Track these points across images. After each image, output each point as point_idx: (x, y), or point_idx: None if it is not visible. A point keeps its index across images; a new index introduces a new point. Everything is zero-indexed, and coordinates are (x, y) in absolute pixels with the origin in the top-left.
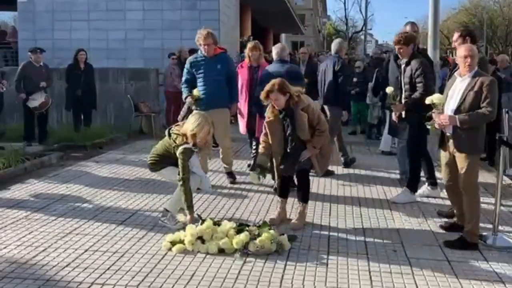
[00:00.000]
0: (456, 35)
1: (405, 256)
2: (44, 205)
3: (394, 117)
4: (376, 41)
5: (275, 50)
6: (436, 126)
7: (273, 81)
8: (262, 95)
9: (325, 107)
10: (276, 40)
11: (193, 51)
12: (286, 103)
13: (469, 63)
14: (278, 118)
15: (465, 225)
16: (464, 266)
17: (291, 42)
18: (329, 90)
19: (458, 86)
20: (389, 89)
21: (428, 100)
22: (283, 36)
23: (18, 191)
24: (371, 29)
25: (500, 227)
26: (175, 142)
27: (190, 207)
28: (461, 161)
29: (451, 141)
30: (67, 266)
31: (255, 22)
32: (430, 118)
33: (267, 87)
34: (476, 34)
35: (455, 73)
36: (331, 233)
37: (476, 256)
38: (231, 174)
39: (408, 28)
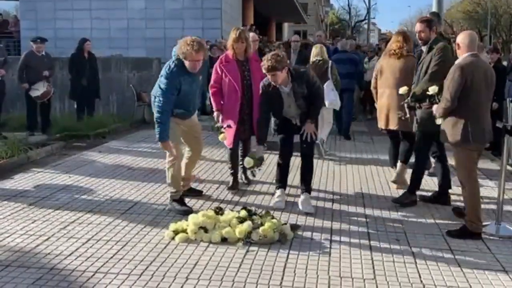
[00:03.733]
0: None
1: (407, 245)
2: (47, 195)
3: None
4: (379, 30)
5: (340, 44)
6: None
7: None
8: None
9: None
10: (279, 29)
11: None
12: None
13: (456, 48)
14: None
15: (466, 215)
16: (467, 255)
17: (294, 32)
18: None
19: None
20: None
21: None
22: (285, 25)
23: (21, 180)
24: (374, 18)
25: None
26: None
27: None
28: (454, 152)
29: None
30: (70, 255)
31: (257, 11)
32: None
33: None
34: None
35: None
36: (333, 222)
37: (478, 246)
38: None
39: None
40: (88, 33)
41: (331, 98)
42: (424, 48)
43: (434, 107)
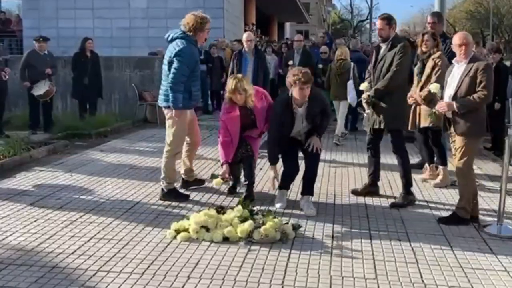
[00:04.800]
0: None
1: (409, 244)
2: (49, 193)
3: None
4: None
5: (351, 44)
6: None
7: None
8: None
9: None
10: (281, 29)
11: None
12: None
13: (464, 50)
14: None
15: (458, 202)
16: (468, 255)
17: (296, 31)
18: None
19: (456, 73)
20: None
21: (426, 90)
22: (287, 25)
23: (23, 179)
24: (376, 18)
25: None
26: None
27: None
28: (460, 142)
29: (452, 124)
30: (72, 253)
31: (259, 11)
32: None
33: None
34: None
35: (453, 60)
36: (335, 222)
37: (480, 245)
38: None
39: (429, 18)
40: (91, 32)
41: (352, 95)
42: (383, 45)
43: (442, 103)
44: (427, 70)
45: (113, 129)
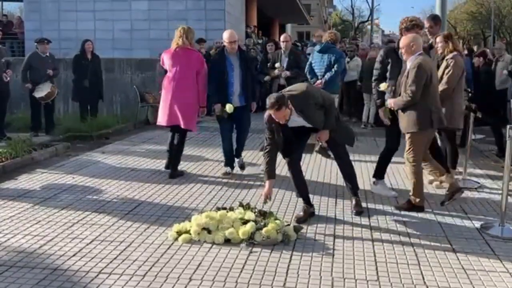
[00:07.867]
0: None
1: (411, 246)
2: (51, 195)
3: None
4: (383, 31)
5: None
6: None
7: None
8: None
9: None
10: (282, 31)
11: (201, 40)
12: None
13: (404, 51)
14: None
15: (412, 191)
16: (470, 256)
17: (297, 33)
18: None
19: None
20: None
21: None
22: (288, 26)
23: (25, 181)
24: (377, 18)
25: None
26: None
27: None
28: (406, 136)
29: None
30: (74, 255)
31: (260, 12)
32: None
33: None
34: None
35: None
36: (336, 223)
37: (482, 247)
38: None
39: (426, 23)
40: (92, 34)
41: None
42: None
43: (391, 101)
44: (441, 70)
45: (114, 131)
